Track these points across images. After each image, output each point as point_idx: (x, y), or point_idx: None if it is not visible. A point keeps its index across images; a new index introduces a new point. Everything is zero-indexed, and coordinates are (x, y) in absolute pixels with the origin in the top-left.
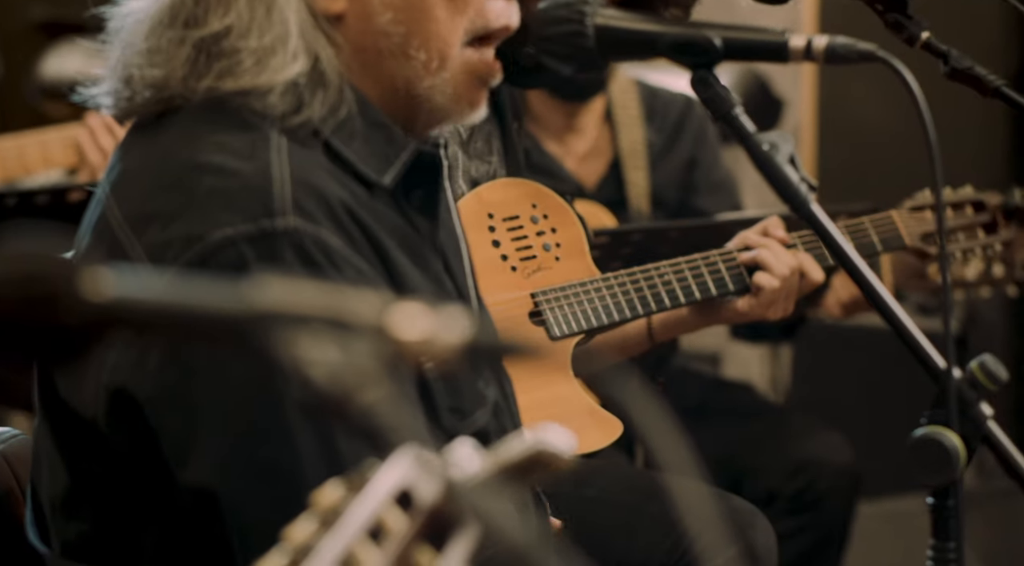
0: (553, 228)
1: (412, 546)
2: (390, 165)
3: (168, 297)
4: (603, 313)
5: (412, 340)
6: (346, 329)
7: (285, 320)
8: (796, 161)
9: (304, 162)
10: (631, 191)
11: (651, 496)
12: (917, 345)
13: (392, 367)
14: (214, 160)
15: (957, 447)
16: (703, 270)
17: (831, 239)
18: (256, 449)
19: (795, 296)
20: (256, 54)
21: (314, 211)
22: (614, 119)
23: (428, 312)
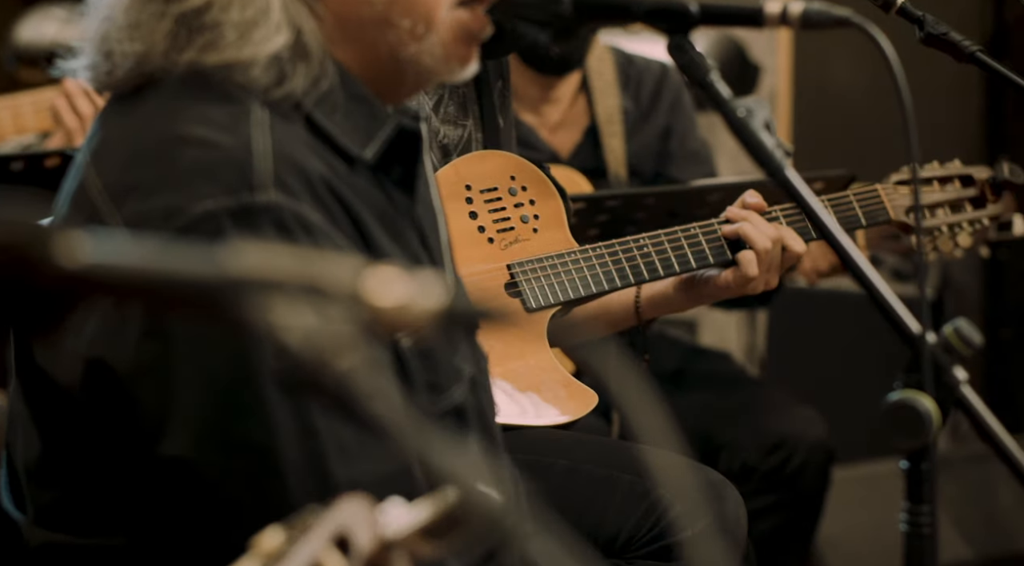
0: (532, 200)
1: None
2: (371, 140)
3: (144, 263)
4: (580, 285)
5: (387, 306)
6: (321, 295)
7: (261, 286)
8: (772, 127)
9: (285, 136)
10: (609, 158)
11: (624, 467)
12: (892, 310)
13: (368, 334)
14: (196, 132)
15: (931, 411)
16: (683, 242)
17: (805, 204)
18: (233, 424)
19: (778, 269)
20: (238, 27)
21: (295, 186)
22: (590, 87)
23: (404, 278)
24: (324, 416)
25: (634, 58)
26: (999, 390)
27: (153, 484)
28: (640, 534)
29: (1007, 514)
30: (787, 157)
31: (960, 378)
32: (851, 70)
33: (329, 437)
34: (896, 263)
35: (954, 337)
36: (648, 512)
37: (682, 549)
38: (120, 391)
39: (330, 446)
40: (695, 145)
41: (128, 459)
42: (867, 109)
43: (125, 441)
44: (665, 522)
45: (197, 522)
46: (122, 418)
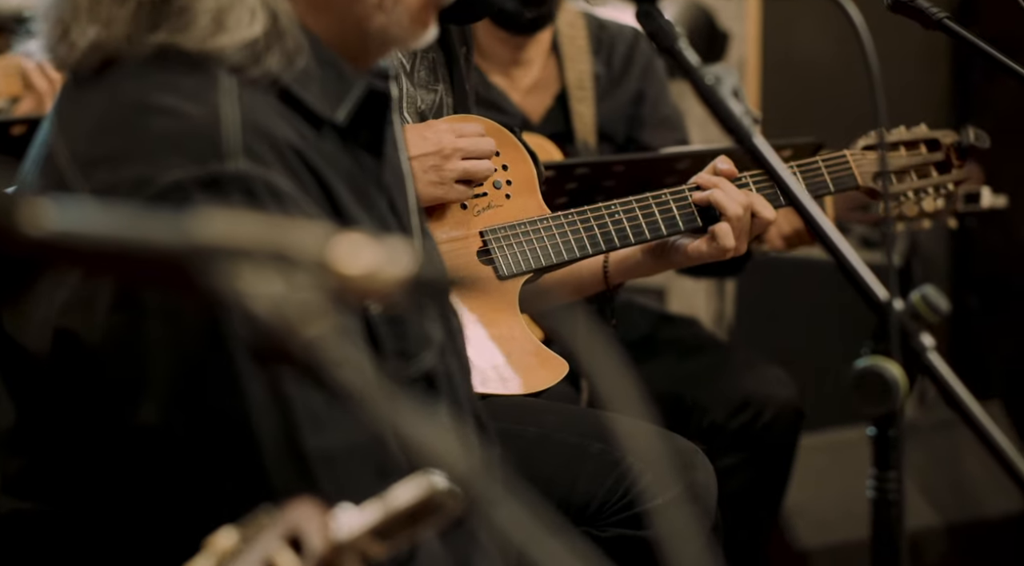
0: (504, 165)
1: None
2: (342, 102)
3: (110, 231)
4: (552, 252)
5: (355, 274)
6: (289, 263)
7: (228, 254)
8: (740, 94)
9: (254, 104)
10: (577, 123)
11: (594, 435)
12: (859, 277)
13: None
14: (163, 101)
15: (898, 378)
16: (654, 209)
17: (773, 171)
18: (204, 393)
19: (748, 236)
20: (212, 13)
21: (264, 154)
22: (561, 51)
23: (371, 245)
24: (296, 385)
25: (606, 23)
26: (966, 357)
27: (124, 452)
28: (611, 502)
29: (973, 480)
30: (755, 124)
31: (927, 345)
32: (819, 37)
33: (301, 406)
34: (864, 231)
35: (921, 304)
36: (619, 480)
37: (652, 517)
38: (90, 361)
39: (302, 415)
40: (667, 111)
41: (99, 427)
42: (835, 76)
43: (96, 409)
44: (636, 491)
45: (167, 491)
46: (92, 387)
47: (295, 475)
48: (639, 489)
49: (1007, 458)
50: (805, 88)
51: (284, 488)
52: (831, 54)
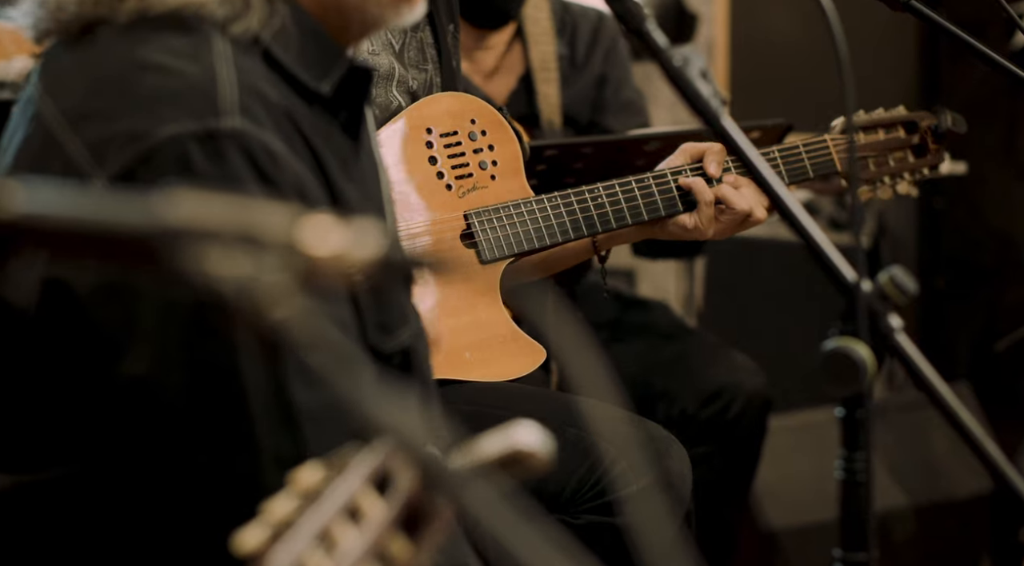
0: (491, 145)
1: (387, 532)
2: (326, 74)
3: (77, 213)
4: (534, 237)
5: (323, 255)
6: (257, 244)
7: (195, 235)
8: (708, 75)
9: (247, 67)
10: (543, 105)
11: (568, 421)
12: (827, 259)
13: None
14: (157, 59)
15: (866, 359)
16: (637, 193)
17: (741, 152)
18: (195, 343)
19: (727, 225)
20: None
21: (259, 114)
22: (525, 33)
23: (340, 226)
24: None
25: (570, 5)
26: (934, 338)
27: (111, 406)
28: (584, 490)
29: (942, 461)
30: (723, 106)
31: (895, 326)
32: (787, 19)
33: (293, 361)
34: (832, 212)
35: (889, 285)
36: (592, 468)
37: (625, 505)
38: (79, 311)
39: (293, 370)
40: (629, 94)
41: (86, 380)
42: (803, 58)
43: (83, 362)
44: (609, 478)
45: (155, 445)
46: (80, 339)
47: (281, 427)
48: (612, 476)
49: (975, 439)
50: (773, 70)
51: (270, 441)
52: (799, 36)
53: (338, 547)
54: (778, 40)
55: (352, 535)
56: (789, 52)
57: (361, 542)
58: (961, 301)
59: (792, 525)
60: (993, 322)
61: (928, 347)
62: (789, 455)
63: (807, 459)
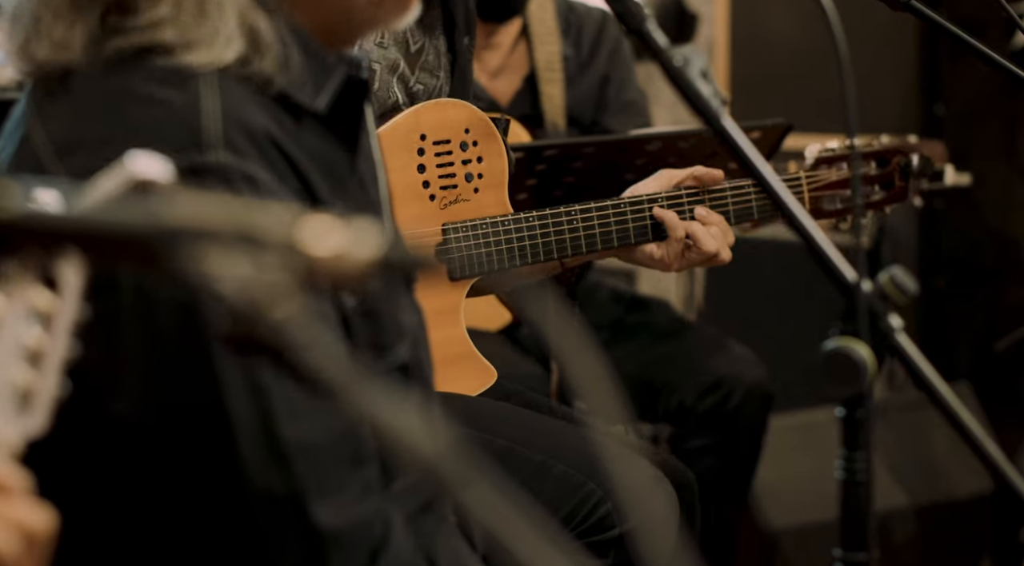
0: (479, 157)
1: (26, 289)
2: (321, 90)
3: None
4: (505, 257)
5: (324, 255)
6: (257, 244)
7: (195, 236)
8: (709, 75)
9: (234, 93)
10: (547, 105)
11: (561, 454)
12: (828, 259)
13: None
14: (142, 88)
15: (866, 359)
16: (611, 219)
17: (741, 152)
18: (181, 382)
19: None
20: (180, 41)
21: (243, 145)
22: (530, 33)
23: (340, 227)
24: (273, 375)
25: (575, 5)
26: (934, 338)
27: (100, 446)
28: (570, 527)
29: (942, 461)
30: (724, 106)
31: (895, 326)
32: (788, 19)
33: (278, 397)
34: None
35: (889, 285)
36: (579, 505)
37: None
38: None
39: (279, 405)
40: (632, 95)
41: (75, 421)
42: (804, 58)
43: (71, 403)
44: (595, 518)
45: (143, 486)
46: (68, 379)
47: (272, 466)
48: (599, 516)
49: (975, 439)
50: (774, 70)
51: (261, 479)
52: (800, 36)
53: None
54: (778, 40)
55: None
56: (789, 52)
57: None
58: (961, 301)
59: (792, 525)
60: (993, 322)
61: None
62: (789, 455)
63: (807, 459)
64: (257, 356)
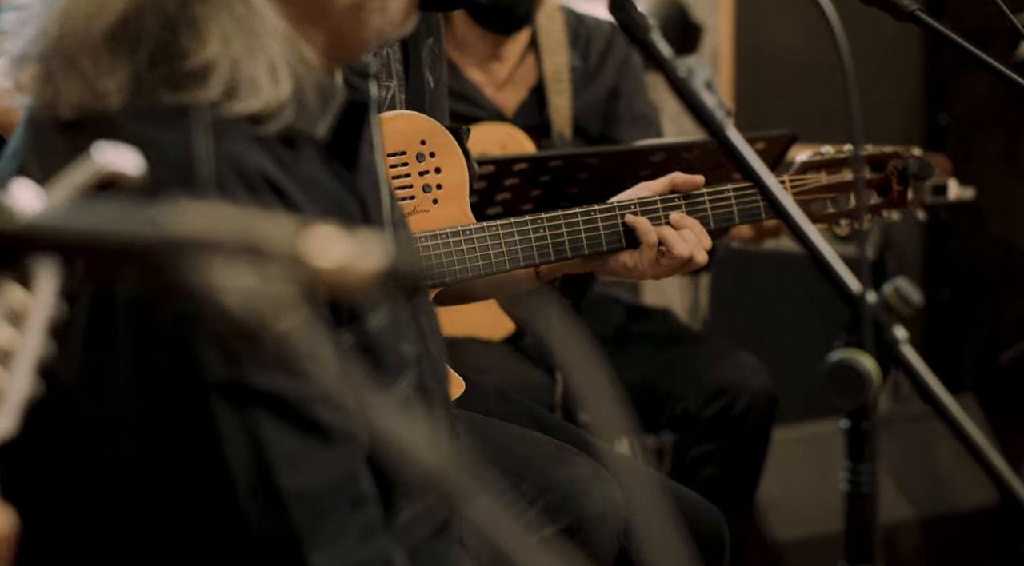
0: (437, 168)
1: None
2: (320, 117)
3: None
4: (469, 267)
5: (328, 267)
6: (261, 255)
7: (200, 246)
8: (713, 86)
9: (227, 131)
10: (554, 115)
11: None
12: (832, 269)
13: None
14: (136, 128)
15: (871, 370)
16: (580, 227)
17: (745, 163)
18: (178, 432)
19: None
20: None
21: (234, 187)
22: (539, 45)
23: (344, 238)
24: (271, 424)
25: (584, 17)
26: (939, 349)
27: (97, 490)
28: None
29: (947, 473)
30: (728, 116)
31: (900, 337)
32: (792, 30)
33: (276, 446)
34: None
35: (894, 296)
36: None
37: None
38: (63, 398)
39: (277, 455)
40: (642, 108)
41: (72, 465)
42: (808, 69)
43: (69, 447)
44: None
45: (140, 531)
46: (65, 424)
47: (270, 514)
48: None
49: (980, 451)
50: (778, 80)
51: (258, 527)
52: (804, 46)
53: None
54: (783, 51)
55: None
56: (793, 63)
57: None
58: (966, 313)
59: (797, 537)
60: (998, 334)
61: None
62: (794, 467)
63: (812, 471)
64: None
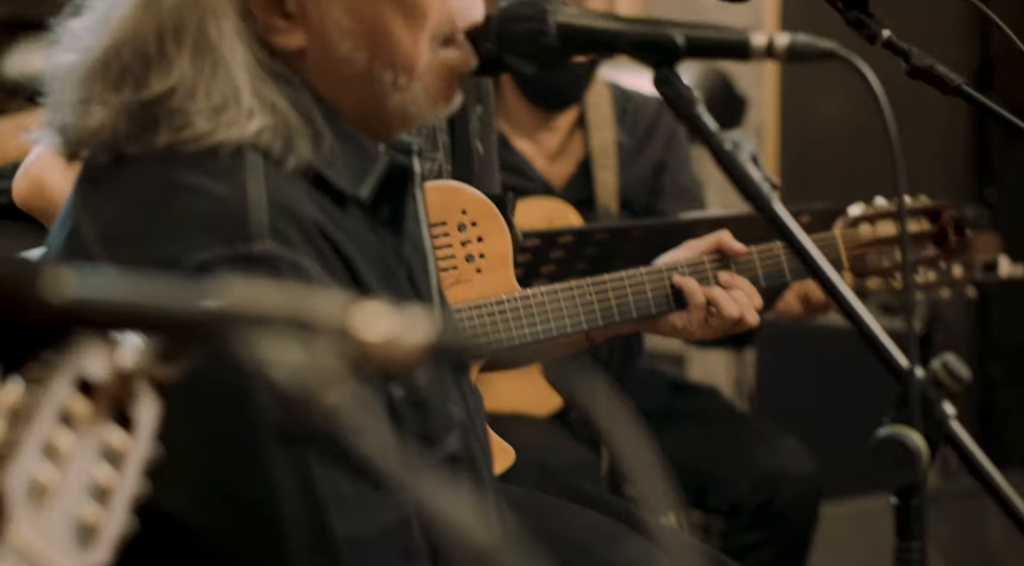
0: (480, 237)
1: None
2: (364, 178)
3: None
4: (515, 336)
5: (375, 341)
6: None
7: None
8: (759, 160)
9: (280, 183)
10: (600, 190)
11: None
12: (880, 344)
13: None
14: (192, 180)
15: (920, 447)
16: (627, 290)
17: (793, 238)
18: (231, 477)
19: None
20: (206, 113)
21: (290, 234)
22: (587, 120)
23: (391, 313)
24: (323, 469)
25: (632, 94)
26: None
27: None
28: None
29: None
30: (774, 190)
31: (949, 413)
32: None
33: (328, 491)
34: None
35: (942, 372)
36: None
37: None
38: None
39: (329, 500)
40: (687, 182)
41: None
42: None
43: None
44: None
45: None
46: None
47: (321, 560)
48: None
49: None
50: (823, 153)
51: None
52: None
53: (61, 453)
54: (828, 123)
55: (71, 439)
56: (839, 135)
57: (81, 443)
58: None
59: None
60: None
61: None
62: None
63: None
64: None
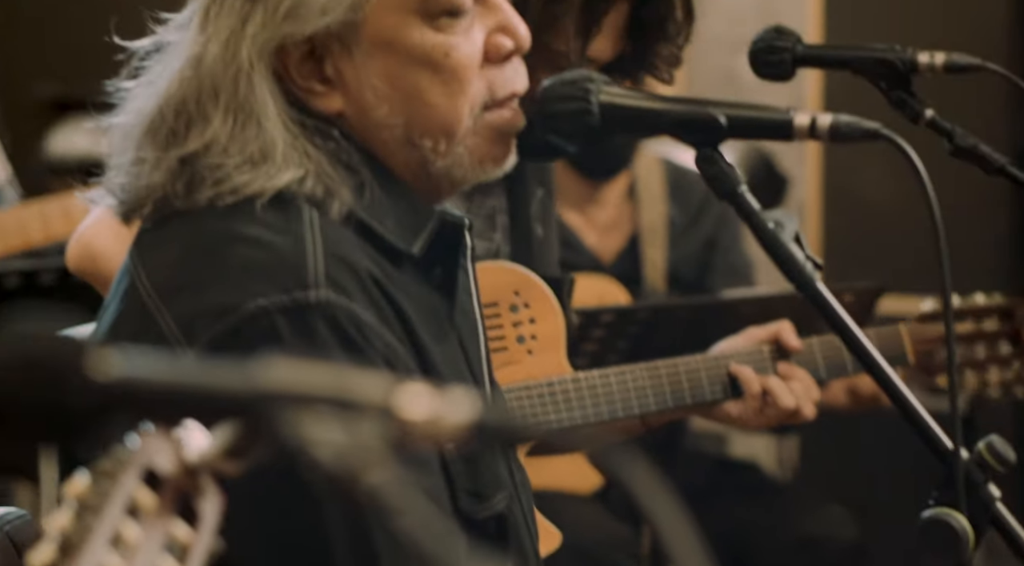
0: (532, 319)
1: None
2: (417, 235)
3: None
4: (566, 419)
5: (418, 420)
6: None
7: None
8: (802, 239)
9: (335, 235)
10: (647, 268)
11: None
12: (924, 426)
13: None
14: (248, 231)
15: (966, 529)
16: (682, 378)
17: (836, 318)
18: (286, 525)
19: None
20: (241, 166)
21: (346, 284)
22: (637, 195)
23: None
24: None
25: (685, 170)
26: None
27: None
28: None
29: None
30: (817, 270)
31: (994, 495)
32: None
33: (382, 539)
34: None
35: (987, 454)
36: None
37: None
38: None
39: (384, 546)
40: (737, 260)
41: None
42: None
43: None
44: None
45: None
46: None
47: None
48: None
49: None
50: (866, 231)
51: None
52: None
53: (128, 545)
54: (870, 201)
55: (136, 531)
56: (881, 213)
57: (147, 535)
58: None
59: None
60: None
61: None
62: None
63: None
64: None
